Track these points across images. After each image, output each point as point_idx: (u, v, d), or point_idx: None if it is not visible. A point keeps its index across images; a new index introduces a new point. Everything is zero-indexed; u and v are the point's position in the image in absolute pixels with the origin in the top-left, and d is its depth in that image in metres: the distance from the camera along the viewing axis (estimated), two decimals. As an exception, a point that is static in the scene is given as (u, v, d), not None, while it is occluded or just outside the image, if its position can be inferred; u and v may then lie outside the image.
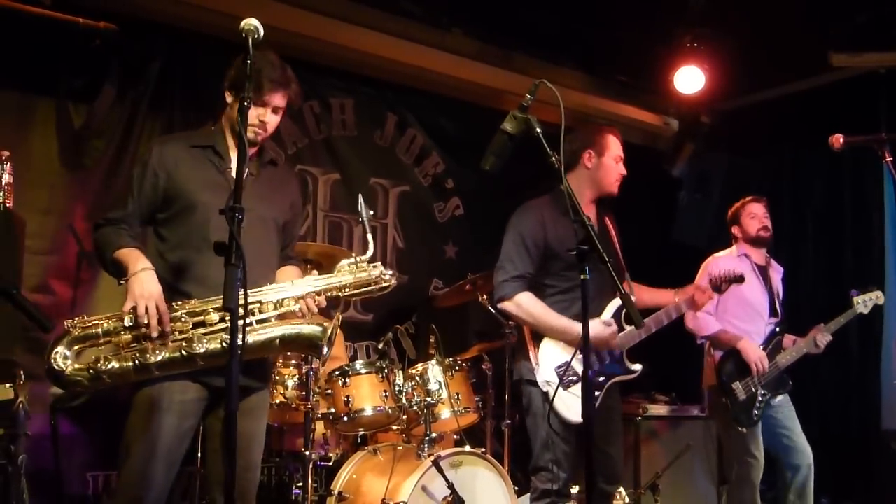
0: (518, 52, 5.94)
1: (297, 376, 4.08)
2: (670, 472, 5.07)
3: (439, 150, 6.25)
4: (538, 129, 2.69)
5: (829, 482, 5.41)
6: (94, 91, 4.67)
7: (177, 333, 2.68)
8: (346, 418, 4.05)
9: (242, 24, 2.41)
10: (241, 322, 2.24)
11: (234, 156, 2.92)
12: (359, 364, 4.23)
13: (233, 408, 2.20)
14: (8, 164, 3.56)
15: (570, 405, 3.46)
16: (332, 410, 4.09)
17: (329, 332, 2.79)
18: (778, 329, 4.65)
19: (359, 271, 2.91)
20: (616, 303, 3.66)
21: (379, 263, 2.96)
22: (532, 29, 5.68)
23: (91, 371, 2.60)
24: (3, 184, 3.53)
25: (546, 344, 3.54)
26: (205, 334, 2.68)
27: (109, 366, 2.61)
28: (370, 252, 2.92)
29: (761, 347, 4.54)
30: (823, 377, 6.02)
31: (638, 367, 3.68)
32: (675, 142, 6.79)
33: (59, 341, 2.60)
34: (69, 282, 4.55)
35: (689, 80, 5.82)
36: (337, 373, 4.14)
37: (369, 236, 2.91)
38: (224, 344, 2.66)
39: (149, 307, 2.61)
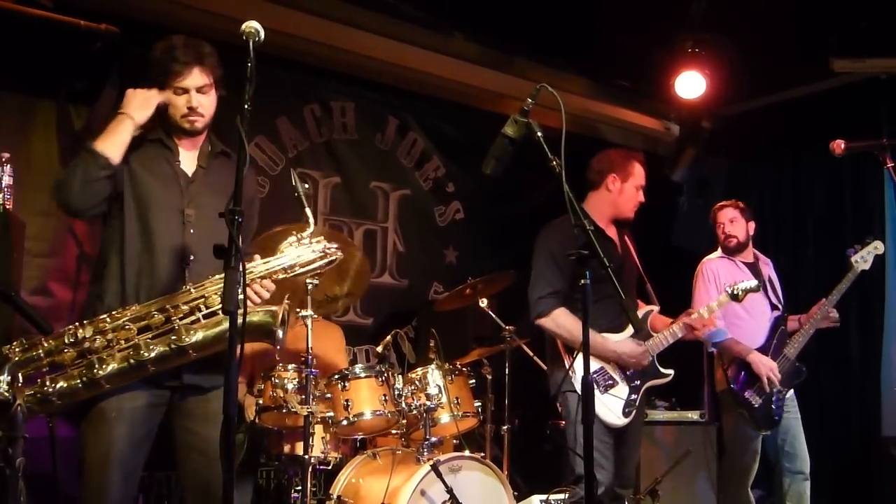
0: (519, 57, 5.93)
1: (297, 380, 4.06)
2: (670, 478, 5.05)
3: (440, 153, 6.23)
4: (539, 134, 2.70)
5: (828, 488, 5.39)
6: (95, 93, 4.64)
7: (122, 342, 2.60)
8: (345, 422, 4.04)
9: (243, 26, 2.41)
10: (239, 322, 2.20)
11: (182, 150, 2.90)
12: (358, 368, 4.25)
13: (230, 411, 2.19)
14: (8, 166, 3.57)
15: (611, 407, 3.62)
16: (332, 414, 4.08)
17: (280, 315, 2.70)
18: (779, 320, 4.63)
19: (300, 248, 2.80)
20: (642, 312, 3.74)
21: (322, 237, 2.84)
22: (533, 33, 5.67)
23: (38, 395, 2.54)
24: (3, 186, 3.54)
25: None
26: (151, 338, 2.61)
27: (57, 386, 2.54)
28: (311, 228, 2.82)
29: (766, 341, 4.53)
30: (824, 383, 6.01)
31: (670, 371, 3.88)
32: (675, 147, 6.77)
33: (0, 370, 2.51)
34: (68, 284, 4.54)
35: (690, 84, 5.81)
36: (336, 377, 4.13)
37: (308, 210, 2.84)
38: (172, 346, 2.60)
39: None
